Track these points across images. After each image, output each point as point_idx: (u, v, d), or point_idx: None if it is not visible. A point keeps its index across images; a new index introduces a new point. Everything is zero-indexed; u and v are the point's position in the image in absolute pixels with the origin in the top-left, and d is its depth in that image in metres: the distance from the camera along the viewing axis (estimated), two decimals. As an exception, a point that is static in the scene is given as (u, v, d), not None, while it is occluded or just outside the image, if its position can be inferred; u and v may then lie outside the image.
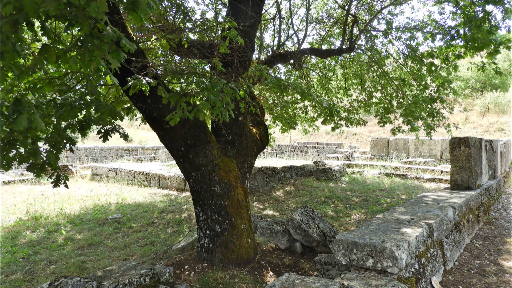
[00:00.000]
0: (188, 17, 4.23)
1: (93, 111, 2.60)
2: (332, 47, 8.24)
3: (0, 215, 6.58)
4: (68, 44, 2.18)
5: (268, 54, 7.10)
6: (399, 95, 7.57)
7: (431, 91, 7.33)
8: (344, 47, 6.41)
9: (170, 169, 10.86)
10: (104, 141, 2.90)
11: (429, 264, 2.90)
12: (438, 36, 5.92)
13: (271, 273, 3.80)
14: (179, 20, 4.29)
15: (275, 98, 8.12)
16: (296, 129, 9.64)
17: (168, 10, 4.19)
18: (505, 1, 4.69)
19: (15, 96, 1.87)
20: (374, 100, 8.36)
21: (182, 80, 3.26)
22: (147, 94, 3.00)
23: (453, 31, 5.54)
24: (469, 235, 4.44)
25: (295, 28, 7.21)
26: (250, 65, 4.28)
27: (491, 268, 3.48)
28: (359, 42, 7.22)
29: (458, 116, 20.20)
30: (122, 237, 5.38)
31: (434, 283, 2.86)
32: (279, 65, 7.99)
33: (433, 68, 6.57)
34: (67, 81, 2.86)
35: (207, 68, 4.58)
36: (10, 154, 2.33)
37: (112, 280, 2.77)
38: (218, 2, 6.14)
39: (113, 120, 2.82)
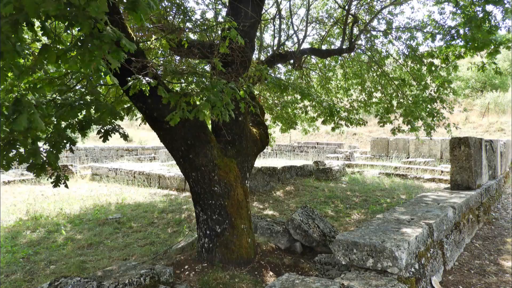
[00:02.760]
0: (188, 17, 4.23)
1: (93, 111, 2.60)
2: (332, 47, 8.24)
3: (0, 215, 6.58)
4: (68, 44, 2.18)
5: (268, 54, 7.11)
6: (399, 95, 7.57)
7: (431, 91, 7.33)
8: (344, 47, 6.41)
9: (170, 169, 10.86)
10: (104, 141, 2.90)
11: (429, 264, 2.90)
12: (438, 36, 5.92)
13: (271, 273, 3.80)
14: (179, 20, 4.29)
15: (275, 98, 8.12)
16: (296, 129, 9.64)
17: (168, 10, 4.18)
18: (505, 1, 4.69)
19: (15, 96, 1.87)
20: (374, 100, 8.36)
21: (182, 80, 3.26)
22: (147, 94, 2.99)
23: (453, 31, 5.54)
24: (469, 235, 4.44)
25: (295, 28, 7.21)
26: (250, 65, 4.28)
27: (491, 268, 3.48)
28: (359, 42, 7.22)
29: (458, 116, 20.20)
30: (122, 237, 5.38)
31: (434, 283, 2.86)
32: (279, 65, 8.00)
33: (433, 68, 6.57)
34: (67, 81, 2.86)
35: (207, 68, 4.58)
36: (10, 154, 2.33)
37: (112, 280, 2.77)
38: (218, 2, 6.14)
39: (113, 120, 2.82)
